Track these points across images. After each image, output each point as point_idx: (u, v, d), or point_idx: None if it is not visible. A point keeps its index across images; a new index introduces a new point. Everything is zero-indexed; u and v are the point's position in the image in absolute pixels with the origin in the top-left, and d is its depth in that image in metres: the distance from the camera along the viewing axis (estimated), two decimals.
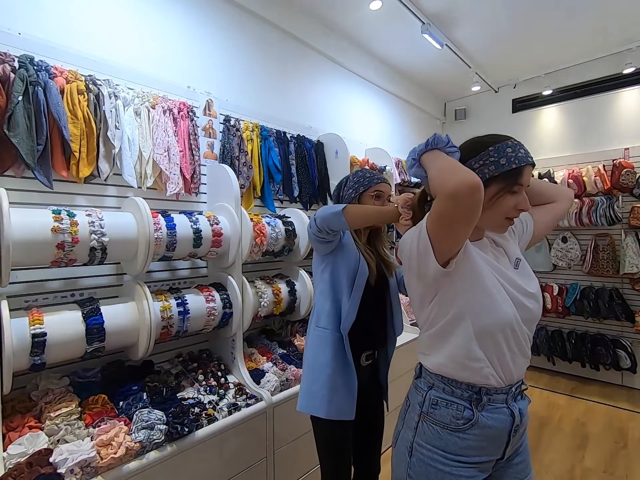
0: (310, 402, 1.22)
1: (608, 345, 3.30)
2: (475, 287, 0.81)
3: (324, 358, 1.22)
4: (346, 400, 1.19)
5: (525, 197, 0.86)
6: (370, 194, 1.33)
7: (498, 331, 0.81)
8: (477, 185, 0.69)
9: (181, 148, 1.78)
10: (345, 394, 1.20)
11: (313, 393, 1.22)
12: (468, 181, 0.69)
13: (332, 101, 3.03)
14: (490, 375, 0.82)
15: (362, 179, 1.34)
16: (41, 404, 1.24)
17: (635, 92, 3.36)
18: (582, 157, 3.55)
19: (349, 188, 1.35)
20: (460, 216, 0.72)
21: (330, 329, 1.24)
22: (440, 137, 0.80)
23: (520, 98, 4.03)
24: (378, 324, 1.34)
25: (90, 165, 1.48)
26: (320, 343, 1.25)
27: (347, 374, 1.21)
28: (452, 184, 0.70)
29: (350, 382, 1.21)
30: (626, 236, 3.22)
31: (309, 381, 1.25)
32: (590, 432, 2.62)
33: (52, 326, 1.21)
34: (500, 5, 2.68)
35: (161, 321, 1.47)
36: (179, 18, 1.99)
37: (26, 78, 1.30)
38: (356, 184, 1.34)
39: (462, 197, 0.70)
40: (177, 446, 1.29)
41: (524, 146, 0.86)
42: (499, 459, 0.88)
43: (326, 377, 1.20)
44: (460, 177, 0.71)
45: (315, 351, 1.26)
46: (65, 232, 1.23)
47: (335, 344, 1.22)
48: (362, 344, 1.28)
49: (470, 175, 0.71)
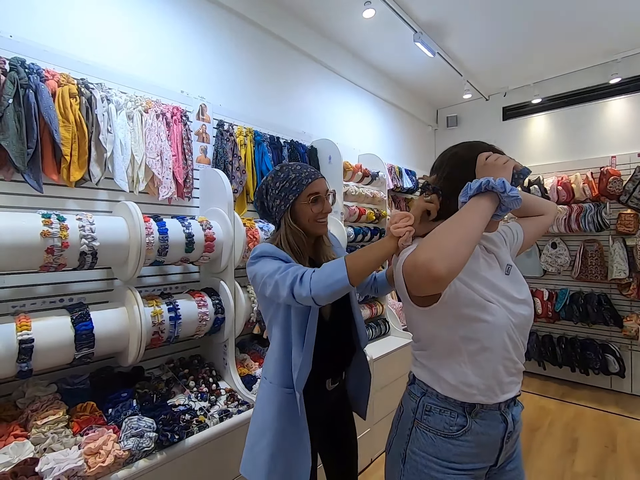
0: (251, 465, 1.05)
1: (597, 350, 3.35)
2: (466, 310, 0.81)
3: (268, 416, 1.04)
4: (296, 466, 1.01)
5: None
6: (303, 202, 1.06)
7: (492, 354, 0.81)
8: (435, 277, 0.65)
9: (174, 152, 1.78)
10: (290, 463, 1.01)
11: (255, 455, 1.05)
12: (432, 270, 0.65)
13: (326, 107, 3.05)
14: (482, 398, 0.83)
15: (288, 184, 1.05)
16: (27, 411, 1.22)
17: (621, 102, 3.45)
18: (570, 165, 3.62)
19: (275, 198, 1.07)
20: (418, 287, 0.72)
21: (275, 383, 1.05)
22: (496, 181, 0.73)
23: (510, 106, 4.11)
24: (340, 347, 1.16)
25: (81, 169, 1.46)
26: (264, 397, 1.08)
27: (296, 434, 1.02)
28: (423, 258, 0.67)
29: (300, 445, 1.01)
30: (613, 242, 3.28)
31: (253, 439, 1.07)
32: (580, 437, 2.65)
33: (40, 332, 1.19)
34: (491, 16, 2.74)
35: (152, 327, 1.46)
36: (173, 23, 2.00)
37: (17, 81, 1.29)
38: (282, 192, 1.06)
39: (419, 276, 0.68)
40: (167, 454, 1.27)
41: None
42: (492, 465, 0.88)
43: (267, 440, 1.02)
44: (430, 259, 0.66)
45: (260, 406, 1.09)
46: (55, 236, 1.21)
47: (282, 402, 1.03)
48: (325, 373, 1.11)
49: (440, 263, 0.65)
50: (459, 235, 0.69)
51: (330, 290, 0.88)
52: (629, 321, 3.19)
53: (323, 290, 0.88)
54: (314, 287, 0.89)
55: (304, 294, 0.89)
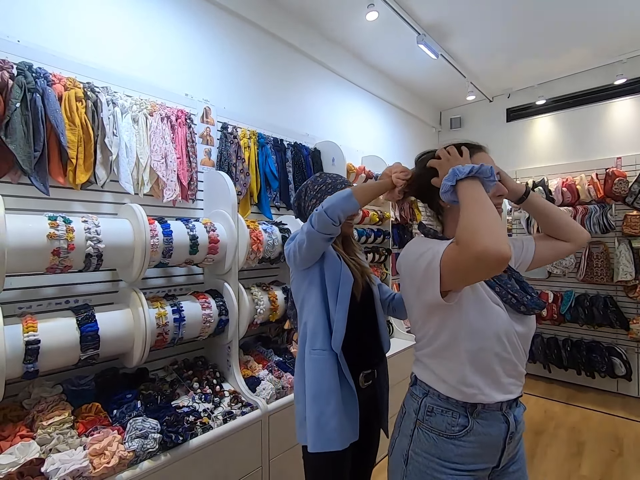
0: (321, 436, 1.05)
1: (603, 352, 3.31)
2: (469, 309, 0.81)
3: (328, 384, 1.08)
4: (351, 424, 1.09)
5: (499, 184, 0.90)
6: None
7: (492, 355, 0.81)
8: (506, 258, 0.65)
9: (178, 155, 1.79)
10: (349, 416, 1.09)
11: (322, 426, 1.05)
12: (501, 252, 0.65)
13: (329, 109, 3.06)
14: (483, 398, 0.83)
15: (324, 186, 1.23)
16: (33, 412, 1.23)
17: (627, 103, 3.43)
18: (575, 166, 3.60)
19: (312, 198, 1.24)
20: (479, 275, 0.72)
21: (327, 349, 1.11)
22: (485, 168, 0.77)
23: (514, 107, 4.09)
24: (371, 338, 1.22)
25: (87, 172, 1.48)
26: (322, 367, 1.10)
27: (350, 394, 1.11)
28: (483, 246, 0.66)
29: (352, 402, 1.11)
30: (619, 244, 3.25)
31: (318, 411, 1.07)
32: (586, 440, 2.62)
33: (46, 333, 1.20)
34: (494, 17, 2.73)
35: (156, 328, 1.47)
36: (178, 26, 2.01)
37: (24, 85, 1.31)
38: (319, 193, 1.23)
39: (488, 263, 0.66)
40: (171, 455, 1.28)
41: None
42: (494, 467, 0.88)
43: (335, 404, 1.06)
44: (494, 243, 0.65)
45: (317, 377, 1.10)
46: (61, 238, 1.22)
47: (335, 366, 1.10)
48: (358, 363, 1.15)
49: (504, 244, 0.65)
50: (492, 216, 0.71)
51: (334, 200, 1.01)
52: (635, 323, 3.16)
53: (332, 206, 1.01)
54: (325, 204, 1.02)
55: (317, 217, 1.03)
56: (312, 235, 1.05)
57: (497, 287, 0.86)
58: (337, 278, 1.13)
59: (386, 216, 3.01)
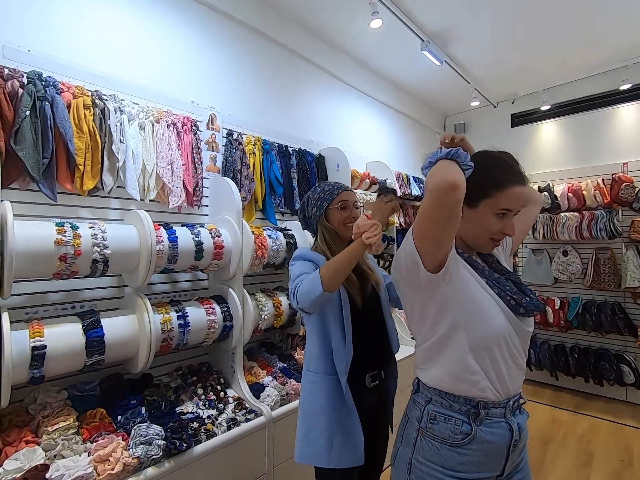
0: (308, 450, 1.14)
1: (611, 360, 3.26)
2: (467, 300, 0.83)
3: (318, 404, 1.15)
4: (349, 446, 1.11)
5: (512, 222, 0.88)
6: (334, 207, 1.26)
7: (492, 343, 0.82)
8: (455, 184, 0.72)
9: (184, 161, 1.81)
10: (346, 439, 1.11)
11: (311, 441, 1.14)
12: (448, 179, 0.72)
13: (334, 115, 3.07)
14: (487, 388, 0.82)
15: (323, 194, 1.28)
16: (39, 417, 1.23)
17: (633, 108, 3.41)
18: (581, 171, 3.57)
19: (313, 207, 1.29)
20: (439, 213, 0.75)
21: (320, 372, 1.16)
22: (461, 152, 0.82)
23: (518, 113, 4.09)
24: (377, 341, 1.25)
25: (94, 178, 1.49)
26: (313, 388, 1.17)
27: (346, 417, 1.12)
28: (435, 181, 0.74)
29: (351, 426, 1.12)
30: (627, 250, 3.22)
31: (306, 428, 1.17)
32: (595, 450, 2.57)
33: (52, 339, 1.21)
34: (498, 24, 2.74)
35: (161, 334, 1.47)
36: (185, 35, 2.04)
37: (34, 93, 1.33)
38: (319, 201, 1.28)
39: (440, 193, 0.73)
40: (175, 462, 1.27)
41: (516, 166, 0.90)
42: (498, 475, 0.87)
43: (323, 424, 1.12)
44: (443, 177, 0.74)
45: (309, 397, 1.19)
46: (68, 244, 1.23)
47: (330, 388, 1.14)
48: (364, 365, 1.18)
49: (453, 174, 0.74)
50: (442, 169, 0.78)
51: (312, 302, 1.04)
52: None
53: (308, 303, 1.05)
54: (300, 301, 1.07)
55: (296, 305, 1.09)
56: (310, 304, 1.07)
57: (496, 289, 0.87)
58: (336, 301, 1.16)
59: (391, 222, 3.01)
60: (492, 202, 0.85)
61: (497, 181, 0.85)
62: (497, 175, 0.86)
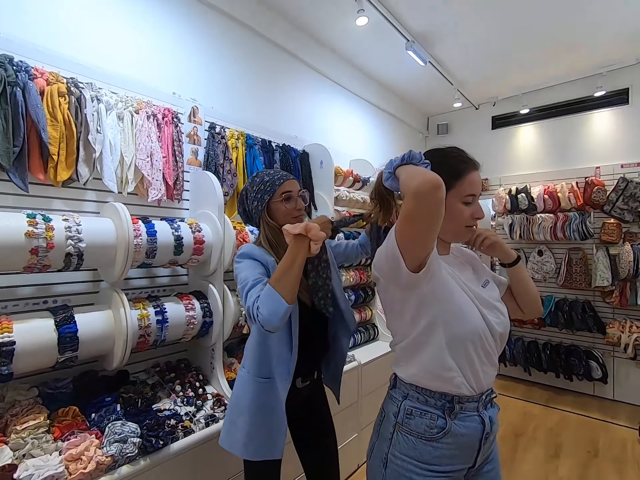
0: (228, 439, 1.15)
1: (581, 356, 3.41)
2: (446, 298, 0.85)
3: (244, 401, 1.14)
4: (270, 441, 1.10)
5: (479, 205, 0.93)
6: (277, 200, 1.16)
7: (468, 340, 0.84)
8: (438, 183, 0.73)
9: (164, 154, 1.76)
10: (268, 435, 1.10)
11: (232, 432, 1.15)
12: (430, 179, 0.74)
13: (318, 112, 3.06)
14: (462, 384, 0.85)
15: (263, 185, 1.17)
16: (7, 416, 1.18)
17: (606, 114, 3.54)
18: (557, 174, 3.70)
19: (253, 200, 1.18)
20: (424, 214, 0.76)
21: (251, 373, 1.14)
22: (414, 153, 0.84)
23: (499, 115, 4.18)
24: (320, 341, 1.25)
25: (69, 169, 1.44)
26: (243, 385, 1.16)
27: (271, 418, 1.11)
28: (416, 183, 0.75)
29: (274, 426, 1.10)
30: (597, 251, 3.35)
31: (230, 419, 1.17)
32: (563, 442, 2.69)
33: (22, 334, 1.16)
34: (482, 28, 2.79)
35: (138, 330, 1.44)
36: (166, 24, 1.99)
37: (4, 78, 1.27)
38: (259, 193, 1.17)
39: (424, 194, 0.74)
40: (151, 460, 1.25)
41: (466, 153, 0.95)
42: (470, 467, 0.90)
43: (246, 421, 1.11)
44: (423, 177, 0.75)
45: (238, 392, 1.18)
46: (40, 237, 1.19)
47: (257, 390, 1.12)
48: (302, 369, 1.17)
49: (433, 175, 0.75)
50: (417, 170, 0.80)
51: (280, 320, 0.94)
52: (611, 328, 3.26)
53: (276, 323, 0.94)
54: (265, 324, 0.94)
55: (260, 327, 0.96)
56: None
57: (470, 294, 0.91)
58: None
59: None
60: (456, 191, 0.89)
61: (455, 171, 0.90)
62: (455, 165, 0.91)
